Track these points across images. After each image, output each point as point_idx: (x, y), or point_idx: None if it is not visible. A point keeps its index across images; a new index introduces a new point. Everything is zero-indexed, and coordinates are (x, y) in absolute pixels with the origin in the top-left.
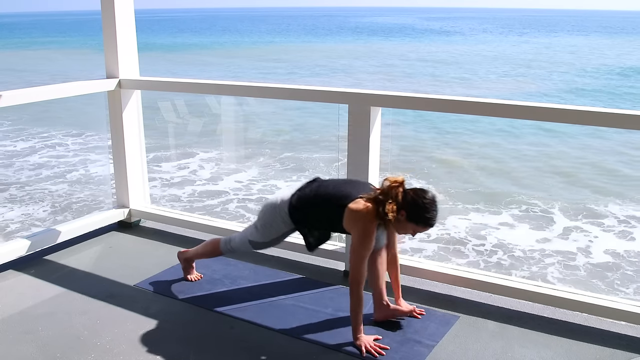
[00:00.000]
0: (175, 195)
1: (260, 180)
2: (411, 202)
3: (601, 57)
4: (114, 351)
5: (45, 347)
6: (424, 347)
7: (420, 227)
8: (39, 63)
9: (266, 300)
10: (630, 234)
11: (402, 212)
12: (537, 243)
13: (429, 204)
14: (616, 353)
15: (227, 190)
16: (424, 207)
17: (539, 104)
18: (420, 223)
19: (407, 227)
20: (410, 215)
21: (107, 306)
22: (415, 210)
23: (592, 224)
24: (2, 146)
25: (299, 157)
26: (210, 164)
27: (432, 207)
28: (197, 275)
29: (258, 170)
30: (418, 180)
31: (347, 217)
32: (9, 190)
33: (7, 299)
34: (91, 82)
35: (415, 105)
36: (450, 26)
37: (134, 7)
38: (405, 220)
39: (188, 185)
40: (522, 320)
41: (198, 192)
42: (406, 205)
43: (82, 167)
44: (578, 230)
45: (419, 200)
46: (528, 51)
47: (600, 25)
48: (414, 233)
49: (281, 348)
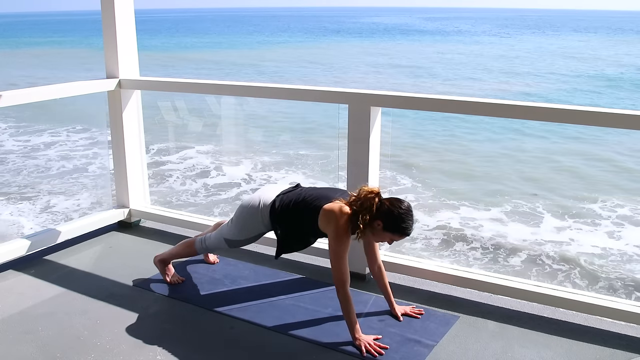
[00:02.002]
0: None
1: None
2: (387, 213)
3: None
4: (114, 351)
5: (45, 347)
6: (424, 347)
7: (396, 236)
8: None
9: (266, 300)
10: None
11: (377, 222)
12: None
13: (405, 213)
14: (616, 353)
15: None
16: (399, 217)
17: (539, 104)
18: (397, 232)
19: (384, 236)
20: (386, 225)
21: (107, 306)
22: (391, 221)
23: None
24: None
25: (299, 156)
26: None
27: (407, 217)
28: (179, 278)
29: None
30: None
31: (322, 217)
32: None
33: (7, 299)
34: (91, 82)
35: (416, 105)
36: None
37: (134, 7)
38: (381, 230)
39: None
40: (522, 320)
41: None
42: (381, 216)
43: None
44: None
45: (394, 210)
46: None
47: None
48: (391, 241)
49: (281, 348)
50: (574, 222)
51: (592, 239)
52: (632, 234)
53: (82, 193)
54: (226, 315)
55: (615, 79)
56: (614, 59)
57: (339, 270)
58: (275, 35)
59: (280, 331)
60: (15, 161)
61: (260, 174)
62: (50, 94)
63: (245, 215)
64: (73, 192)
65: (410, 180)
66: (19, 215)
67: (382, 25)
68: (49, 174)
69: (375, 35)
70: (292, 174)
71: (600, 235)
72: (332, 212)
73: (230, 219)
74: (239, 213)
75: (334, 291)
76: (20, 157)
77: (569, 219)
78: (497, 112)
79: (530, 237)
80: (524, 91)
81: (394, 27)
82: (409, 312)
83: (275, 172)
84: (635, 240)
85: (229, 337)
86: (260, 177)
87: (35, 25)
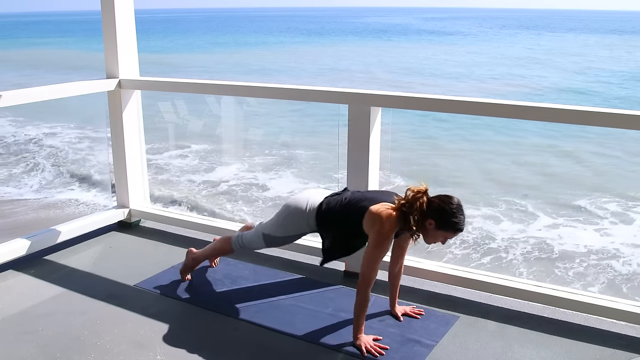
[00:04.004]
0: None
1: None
2: (438, 210)
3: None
4: (114, 351)
5: (45, 347)
6: (424, 347)
7: (450, 233)
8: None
9: (266, 300)
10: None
11: (429, 221)
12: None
13: (456, 208)
14: (616, 353)
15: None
16: (451, 213)
17: (539, 104)
18: (450, 229)
19: (436, 235)
20: (439, 223)
21: (107, 306)
22: (443, 217)
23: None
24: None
25: (300, 155)
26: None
27: (459, 212)
28: (189, 277)
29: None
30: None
31: (367, 219)
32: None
33: (7, 299)
34: (91, 82)
35: (416, 105)
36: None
37: (134, 7)
38: (434, 228)
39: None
40: (522, 320)
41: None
42: (433, 214)
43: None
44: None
45: (445, 207)
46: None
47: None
48: (444, 240)
49: (281, 348)
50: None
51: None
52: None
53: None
54: (226, 315)
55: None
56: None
57: (369, 272)
58: (268, 36)
59: (280, 331)
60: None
61: (264, 174)
62: (50, 94)
63: (290, 214)
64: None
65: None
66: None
67: (385, 25)
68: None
69: (376, 36)
70: (290, 175)
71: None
72: (378, 215)
73: (269, 218)
74: (283, 212)
75: (334, 291)
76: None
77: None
78: (497, 112)
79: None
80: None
81: (394, 27)
82: (409, 312)
83: (275, 171)
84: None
85: (229, 337)
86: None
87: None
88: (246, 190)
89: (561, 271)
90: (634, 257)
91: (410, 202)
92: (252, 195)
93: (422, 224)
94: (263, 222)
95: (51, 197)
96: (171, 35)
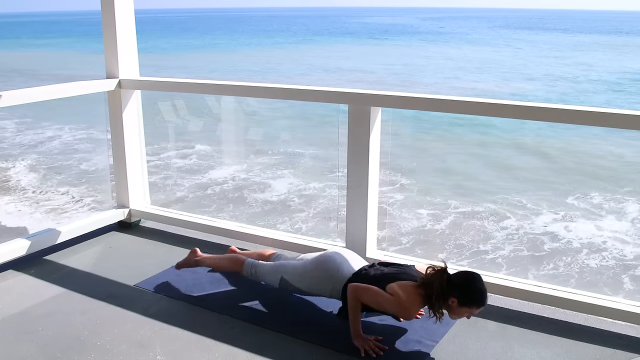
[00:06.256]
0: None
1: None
2: (458, 287)
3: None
4: (114, 351)
5: (45, 347)
6: (424, 347)
7: (474, 309)
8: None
9: (266, 300)
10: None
11: (451, 299)
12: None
13: (477, 283)
14: (616, 353)
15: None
16: (472, 290)
17: (539, 104)
18: (473, 305)
19: (461, 311)
20: (462, 301)
21: (107, 306)
22: (466, 295)
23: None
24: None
25: (299, 155)
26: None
27: (480, 286)
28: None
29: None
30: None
31: (392, 302)
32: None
33: (7, 299)
34: (91, 82)
35: (416, 105)
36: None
37: (134, 7)
38: (457, 305)
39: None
40: (522, 320)
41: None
42: (453, 292)
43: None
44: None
45: (465, 283)
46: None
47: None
48: (469, 315)
49: (281, 348)
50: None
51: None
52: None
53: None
54: (226, 315)
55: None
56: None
57: (362, 294)
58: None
59: (280, 331)
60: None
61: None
62: (50, 94)
63: (319, 275)
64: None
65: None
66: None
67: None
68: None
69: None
70: (292, 174)
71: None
72: (402, 302)
73: (297, 260)
74: (314, 268)
75: None
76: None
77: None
78: (497, 112)
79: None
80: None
81: (393, 27)
82: None
83: (275, 172)
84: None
85: (229, 337)
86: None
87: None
88: (244, 190)
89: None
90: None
91: (430, 281)
92: (250, 196)
93: (445, 302)
94: (285, 262)
95: (51, 197)
96: (169, 35)
